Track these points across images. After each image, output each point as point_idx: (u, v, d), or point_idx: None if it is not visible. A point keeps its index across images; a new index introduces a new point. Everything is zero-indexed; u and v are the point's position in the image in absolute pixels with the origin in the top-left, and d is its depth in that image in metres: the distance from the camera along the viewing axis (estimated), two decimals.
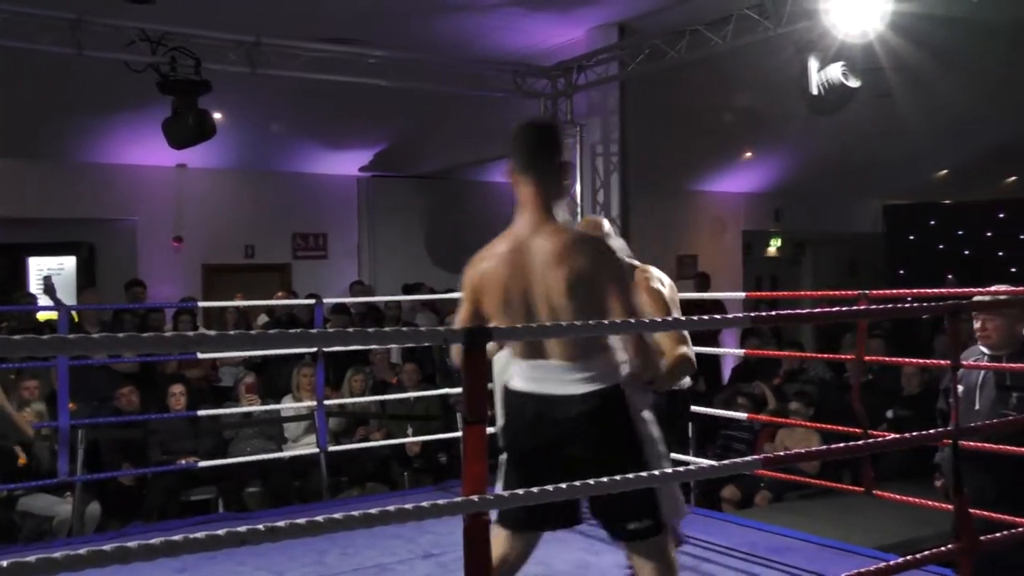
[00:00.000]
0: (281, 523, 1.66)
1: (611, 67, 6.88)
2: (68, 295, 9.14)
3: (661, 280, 3.44)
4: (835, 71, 5.06)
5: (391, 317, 8.89)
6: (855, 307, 3.87)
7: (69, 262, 10.13)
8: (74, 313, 7.03)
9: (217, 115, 6.34)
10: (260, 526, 1.65)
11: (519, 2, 6.49)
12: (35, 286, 9.47)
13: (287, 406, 6.43)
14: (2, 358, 5.36)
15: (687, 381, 3.39)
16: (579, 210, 7.18)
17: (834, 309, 2.65)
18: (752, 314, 2.35)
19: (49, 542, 5.15)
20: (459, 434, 5.90)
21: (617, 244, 3.03)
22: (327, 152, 10.32)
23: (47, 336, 2.44)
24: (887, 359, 5.77)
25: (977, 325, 3.83)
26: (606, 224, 3.55)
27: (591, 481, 2.02)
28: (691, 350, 3.07)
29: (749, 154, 12.11)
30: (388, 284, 10.17)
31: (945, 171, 13.59)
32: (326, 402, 5.72)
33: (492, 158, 10.30)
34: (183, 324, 7.75)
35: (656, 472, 2.26)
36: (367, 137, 10.26)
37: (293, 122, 9.37)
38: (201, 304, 7.46)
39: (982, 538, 2.50)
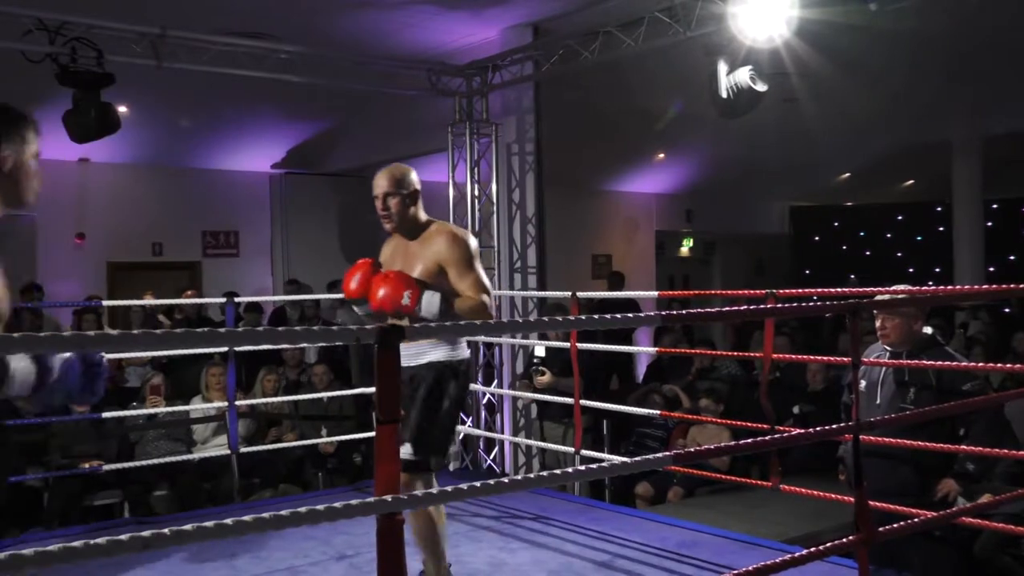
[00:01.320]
0: (188, 526, 1.61)
1: (526, 67, 6.91)
2: None
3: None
4: (743, 75, 5.18)
5: (310, 316, 8.77)
6: (763, 306, 3.97)
7: None
8: None
9: (122, 109, 6.14)
10: (166, 530, 1.61)
11: (433, 0, 6.47)
12: None
13: (196, 407, 6.28)
14: None
15: (464, 351, 3.46)
16: (495, 210, 7.21)
17: (743, 308, 2.72)
18: (664, 312, 2.39)
19: None
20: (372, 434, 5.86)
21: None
22: (238, 148, 10.12)
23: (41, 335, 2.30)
24: (793, 356, 5.95)
25: (877, 324, 3.98)
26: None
27: None
28: (491, 301, 3.37)
29: (662, 155, 12.32)
30: (305, 281, 10.03)
31: (847, 174, 14.08)
32: (237, 403, 5.60)
33: (407, 156, 10.24)
34: (87, 323, 7.50)
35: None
36: (279, 133, 10.09)
37: (202, 117, 9.15)
38: (106, 303, 7.20)
39: (880, 529, 2.59)
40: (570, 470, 2.16)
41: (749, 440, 2.36)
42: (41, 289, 8.32)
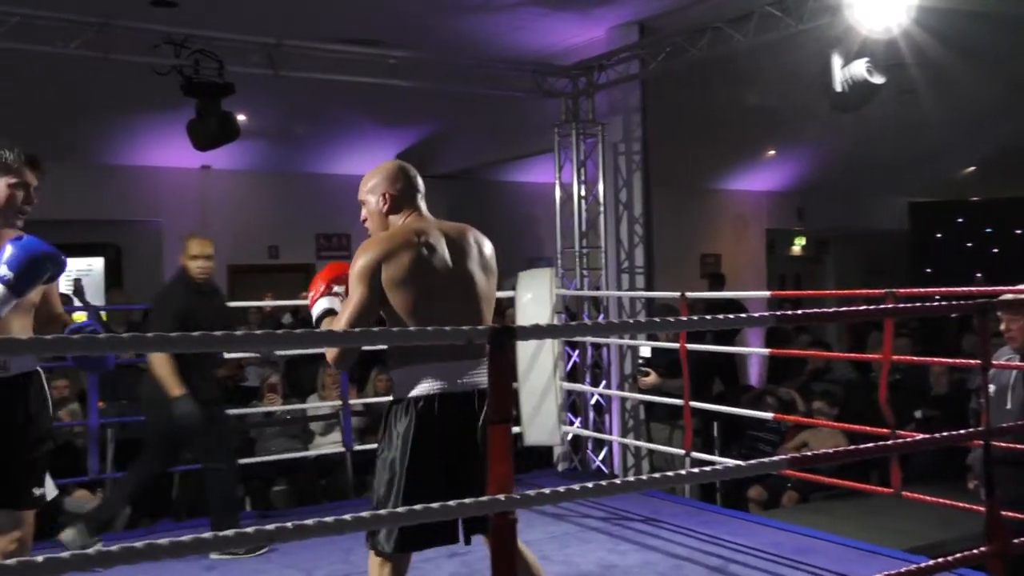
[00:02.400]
0: (309, 521, 1.67)
1: (632, 66, 6.86)
2: (96, 296, 9.26)
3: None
4: (859, 67, 5.00)
5: None
6: (883, 306, 3.84)
7: (97, 263, 10.25)
8: (103, 313, 7.11)
9: (241, 117, 6.38)
10: (288, 524, 1.66)
11: (539, 2, 6.49)
12: (65, 287, 9.59)
13: (312, 405, 6.47)
14: None
15: (422, 386, 2.72)
16: (601, 210, 7.17)
17: (861, 308, 2.63)
18: (780, 312, 2.34)
19: None
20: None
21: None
22: (350, 153, 10.37)
23: (77, 336, 2.47)
24: (915, 359, 5.72)
25: (1002, 327, 3.78)
26: None
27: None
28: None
29: (772, 152, 12.04)
30: None
31: (972, 168, 13.45)
32: (351, 401, 5.75)
33: (514, 157, 10.32)
34: None
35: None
36: (389, 137, 10.29)
37: (316, 123, 9.42)
38: (228, 304, 7.48)
39: (1015, 540, 2.47)
40: (683, 472, 2.13)
41: (872, 444, 2.28)
42: None
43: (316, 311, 2.86)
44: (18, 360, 2.79)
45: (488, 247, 2.90)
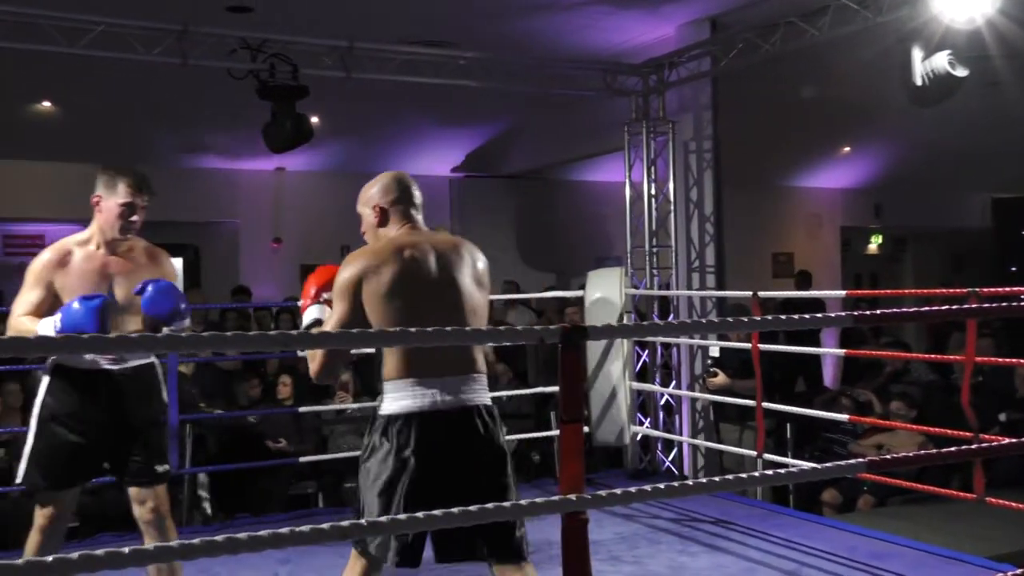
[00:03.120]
0: (383, 518, 1.69)
1: (703, 63, 6.78)
2: None
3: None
4: (940, 60, 4.86)
5: None
6: (965, 306, 3.72)
7: (176, 264, 10.53)
8: None
9: (314, 119, 6.50)
10: (362, 520, 1.69)
11: (608, 0, 6.46)
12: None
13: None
14: None
15: (403, 402, 2.57)
16: (672, 209, 7.11)
17: (943, 308, 2.55)
18: (857, 312, 2.28)
19: None
20: (551, 433, 5.92)
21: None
22: (419, 153, 10.47)
23: (160, 335, 2.55)
24: (999, 360, 5.53)
25: None
26: None
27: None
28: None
29: (847, 148, 11.79)
30: None
31: None
32: None
33: (583, 157, 10.29)
34: (284, 323, 7.99)
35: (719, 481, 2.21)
36: (458, 138, 10.36)
37: (387, 124, 9.53)
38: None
39: None
40: (756, 474, 2.10)
41: (954, 448, 2.22)
42: (248, 291, 8.96)
43: (306, 320, 2.84)
44: (134, 354, 3.10)
45: (482, 261, 2.78)
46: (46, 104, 8.47)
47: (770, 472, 2.11)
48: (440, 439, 2.52)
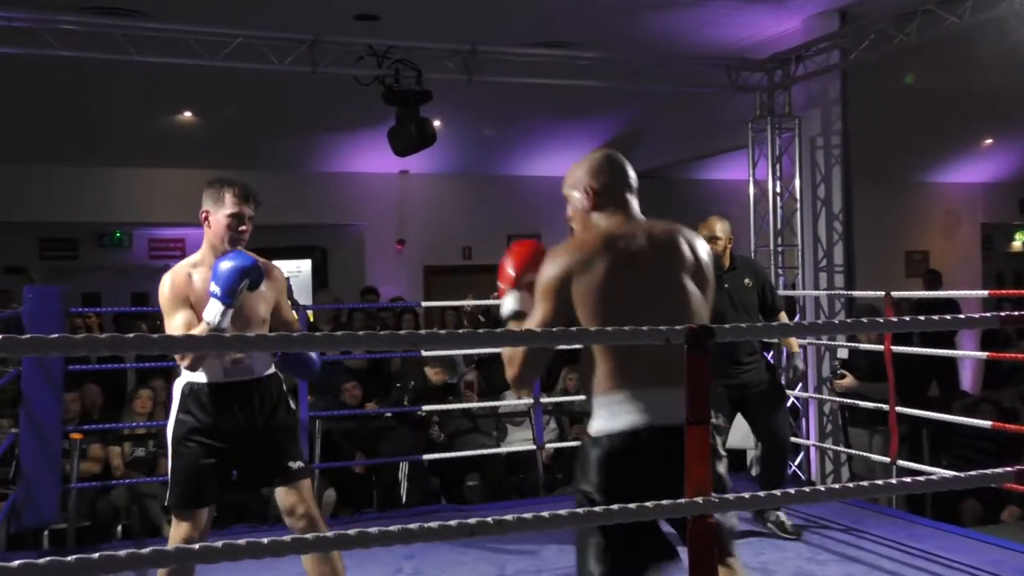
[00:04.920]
0: (508, 517, 1.70)
1: (832, 56, 6.56)
2: (305, 296, 9.88)
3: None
4: None
5: None
6: None
7: (305, 265, 10.92)
8: (310, 313, 7.57)
9: (436, 122, 6.62)
10: (489, 519, 1.71)
11: None
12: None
13: (507, 403, 6.60)
14: None
15: (614, 422, 2.32)
16: (798, 206, 6.91)
17: None
18: (1004, 313, 2.16)
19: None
20: None
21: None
22: (540, 154, 10.52)
23: (274, 335, 2.64)
24: None
25: None
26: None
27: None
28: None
29: (989, 140, 11.18)
30: None
31: None
32: (542, 400, 5.83)
33: (706, 155, 10.12)
34: (407, 323, 8.17)
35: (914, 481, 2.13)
36: (579, 138, 10.34)
37: (508, 126, 9.62)
38: (424, 304, 7.90)
39: None
40: (893, 481, 2.02)
41: None
42: (376, 292, 9.24)
43: (504, 310, 2.53)
44: (260, 364, 3.17)
45: (704, 253, 2.48)
46: (187, 114, 8.92)
47: (908, 479, 2.02)
48: (651, 457, 2.24)
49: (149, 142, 9.10)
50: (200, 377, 3.10)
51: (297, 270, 10.82)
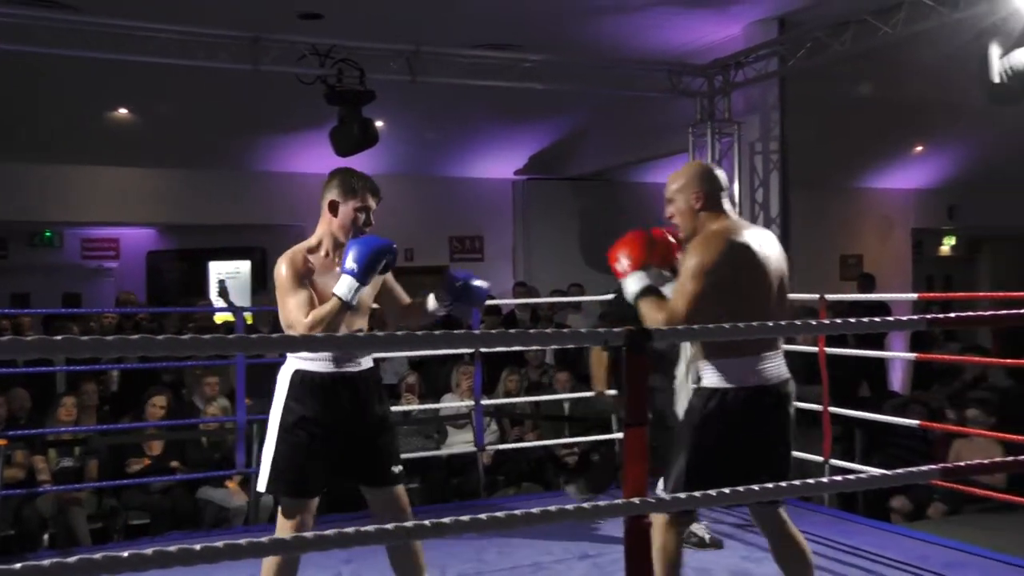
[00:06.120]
0: (446, 519, 1.70)
1: (771, 63, 6.69)
2: (244, 298, 9.73)
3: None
4: (1019, 56, 4.71)
5: (544, 318, 8.95)
6: None
7: (244, 266, 10.76)
8: (248, 314, 7.47)
9: (379, 123, 6.58)
10: (426, 522, 1.70)
11: (674, 1, 6.41)
12: (214, 289, 10.14)
13: (447, 405, 6.59)
14: (189, 356, 5.74)
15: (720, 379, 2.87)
16: (737, 210, 7.01)
17: (1021, 311, 2.48)
18: (930, 316, 2.23)
19: (228, 529, 5.48)
20: (612, 436, 5.88)
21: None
22: (483, 156, 10.52)
23: (210, 336, 2.59)
24: None
25: None
26: None
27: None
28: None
29: (920, 148, 11.49)
30: (544, 286, 10.26)
31: None
32: (484, 402, 5.82)
33: (647, 158, 10.22)
34: None
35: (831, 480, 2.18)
36: (522, 140, 10.39)
37: (450, 127, 9.61)
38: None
39: None
40: (824, 480, 2.06)
41: None
42: None
43: (633, 287, 2.81)
44: (365, 356, 3.15)
45: (780, 249, 2.95)
46: (122, 111, 8.74)
47: (839, 478, 2.07)
48: (762, 409, 2.83)
49: (82, 139, 8.87)
50: (311, 365, 3.06)
51: (236, 271, 10.66)
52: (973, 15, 5.07)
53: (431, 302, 3.29)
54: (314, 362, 3.06)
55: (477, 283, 3.21)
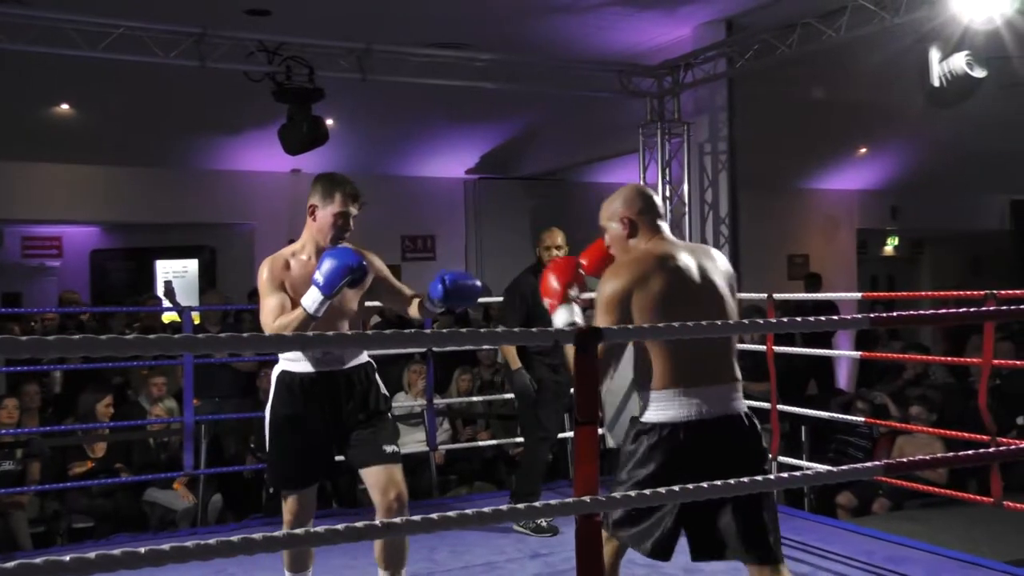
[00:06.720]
0: (397, 519, 1.69)
1: (719, 64, 6.77)
2: (192, 297, 9.58)
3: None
4: (959, 61, 4.83)
5: (497, 318, 8.96)
6: (983, 308, 3.70)
7: (192, 265, 10.60)
8: (195, 314, 7.35)
9: (329, 121, 6.52)
10: (377, 522, 1.69)
11: (624, 1, 6.46)
12: (157, 289, 9.97)
13: (399, 405, 6.55)
14: (134, 356, 5.64)
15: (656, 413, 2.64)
16: (687, 210, 7.09)
17: (961, 310, 2.54)
18: (873, 315, 2.27)
19: (175, 531, 5.40)
20: (565, 435, 5.90)
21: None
22: (434, 155, 10.49)
23: (155, 336, 2.56)
24: (1018, 363, 5.49)
25: None
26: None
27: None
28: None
29: (864, 150, 11.72)
30: (495, 285, 10.26)
31: None
32: (436, 401, 5.81)
33: (598, 158, 10.28)
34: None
35: (779, 477, 2.21)
36: (473, 139, 10.37)
37: (401, 126, 9.56)
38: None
39: None
40: (771, 476, 2.09)
41: (972, 452, 2.20)
42: None
43: (559, 321, 2.68)
44: (349, 355, 3.25)
45: (727, 265, 2.80)
46: (64, 107, 8.54)
47: (785, 475, 2.10)
48: (706, 446, 2.54)
49: (23, 134, 8.65)
50: (293, 367, 3.19)
51: (184, 270, 10.49)
52: (913, 20, 5.19)
53: (428, 302, 3.35)
54: (296, 363, 3.19)
55: (468, 283, 3.23)
